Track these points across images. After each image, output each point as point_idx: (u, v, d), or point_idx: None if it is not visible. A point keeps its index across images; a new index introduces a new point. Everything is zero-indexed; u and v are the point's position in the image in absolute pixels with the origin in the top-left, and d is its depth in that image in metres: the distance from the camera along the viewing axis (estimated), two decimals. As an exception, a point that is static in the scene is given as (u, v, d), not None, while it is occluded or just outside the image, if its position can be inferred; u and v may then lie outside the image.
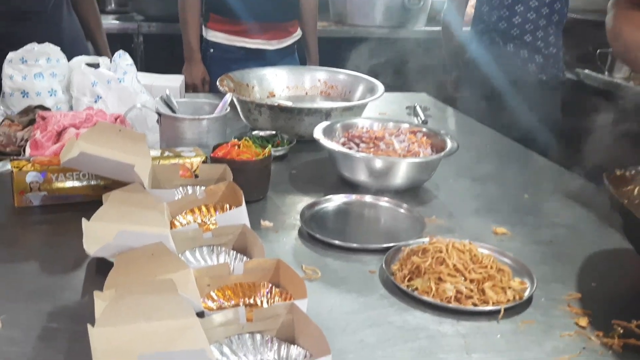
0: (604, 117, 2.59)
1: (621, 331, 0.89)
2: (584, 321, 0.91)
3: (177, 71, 2.35)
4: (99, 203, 1.19)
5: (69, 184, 1.20)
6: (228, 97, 1.46)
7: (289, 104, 1.61)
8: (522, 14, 2.42)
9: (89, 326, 0.72)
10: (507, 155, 1.74)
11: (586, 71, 2.81)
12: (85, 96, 1.54)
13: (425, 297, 0.94)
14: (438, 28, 3.63)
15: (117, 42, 3.07)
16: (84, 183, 1.21)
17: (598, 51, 2.75)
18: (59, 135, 1.32)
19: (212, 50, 2.53)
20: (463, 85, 2.76)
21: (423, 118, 1.87)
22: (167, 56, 3.31)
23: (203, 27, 2.53)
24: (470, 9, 2.88)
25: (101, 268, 0.98)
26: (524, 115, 2.37)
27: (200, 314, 0.81)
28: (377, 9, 3.46)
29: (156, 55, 3.18)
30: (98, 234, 0.91)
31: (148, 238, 0.87)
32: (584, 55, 2.92)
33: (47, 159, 1.22)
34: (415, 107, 1.98)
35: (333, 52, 2.81)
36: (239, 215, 1.04)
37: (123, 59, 1.60)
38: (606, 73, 2.73)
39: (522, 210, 1.33)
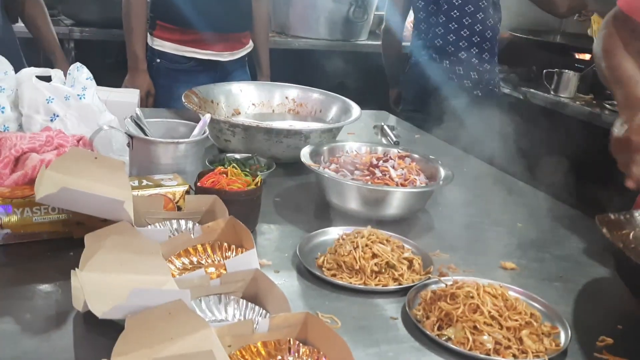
0: (550, 134, 2.66)
1: (667, 380, 0.85)
2: (627, 370, 0.87)
3: (115, 82, 2.16)
4: (69, 240, 1.05)
5: (37, 219, 1.04)
6: (207, 117, 1.33)
7: (266, 124, 1.51)
8: (456, 31, 2.45)
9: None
10: (483, 177, 1.71)
11: (531, 90, 2.86)
12: (39, 114, 1.36)
13: (463, 350, 0.87)
14: (379, 42, 3.64)
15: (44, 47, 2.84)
16: (54, 218, 1.06)
17: (545, 71, 2.81)
18: (17, 161, 1.15)
19: (158, 60, 2.36)
20: (404, 100, 2.76)
21: (394, 139, 1.81)
22: (103, 65, 3.10)
23: (149, 35, 2.36)
24: (409, 24, 2.90)
25: (91, 323, 0.84)
26: (466, 130, 2.39)
27: (239, 388, 0.69)
28: (321, 21, 3.40)
29: (90, 64, 2.96)
30: (100, 289, 0.78)
31: (166, 296, 0.75)
32: (528, 74, 2.98)
33: (7, 190, 1.05)
34: (383, 127, 1.92)
35: (275, 63, 2.71)
36: (250, 258, 0.93)
37: (81, 72, 1.44)
38: (552, 92, 2.79)
39: (521, 241, 1.29)
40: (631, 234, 1.13)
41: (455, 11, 2.44)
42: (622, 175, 1.49)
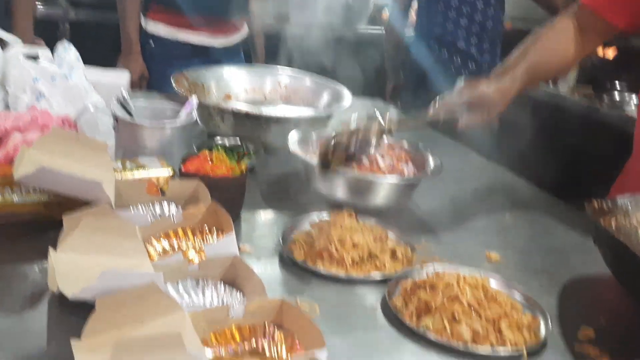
0: (546, 127, 2.64)
1: (646, 375, 0.85)
2: (606, 364, 0.87)
3: (109, 64, 2.14)
4: (50, 222, 1.04)
5: (18, 199, 1.03)
6: (194, 101, 1.32)
7: (255, 110, 1.49)
8: (455, 20, 2.43)
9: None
10: (475, 168, 1.70)
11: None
12: (25, 93, 1.34)
13: (441, 339, 0.86)
14: (379, 28, 3.60)
15: (40, 28, 2.81)
16: (35, 199, 1.04)
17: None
18: (0, 140, 1.14)
19: (151, 43, 2.34)
20: (403, 92, 2.74)
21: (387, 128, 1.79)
22: (97, 47, 3.07)
23: (143, 17, 2.34)
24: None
25: (65, 305, 0.83)
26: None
27: (208, 372, 0.69)
28: (320, 6, 3.36)
29: (85, 45, 2.93)
30: (72, 270, 0.77)
31: (138, 278, 0.74)
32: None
33: (-12, 169, 1.04)
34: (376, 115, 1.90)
35: (271, 49, 2.69)
36: (229, 243, 0.92)
37: (68, 51, 1.42)
38: (550, 85, 2.78)
39: (508, 232, 1.29)
40: (613, 222, 1.12)
41: (455, 0, 2.42)
42: (613, 168, 1.49)
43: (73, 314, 0.82)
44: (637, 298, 0.99)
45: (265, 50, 2.61)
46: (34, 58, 1.41)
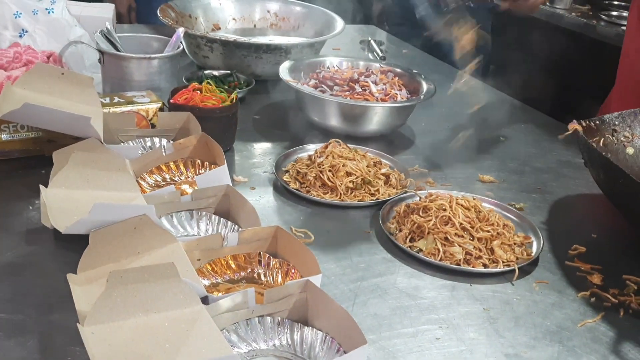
0: (542, 47, 2.58)
1: (635, 287, 0.86)
2: (597, 278, 0.88)
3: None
4: (41, 158, 1.03)
5: (5, 137, 1.02)
6: (181, 31, 1.29)
7: (245, 39, 1.46)
8: None
9: (79, 326, 0.60)
10: (470, 92, 1.67)
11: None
12: (7, 30, 1.31)
13: (433, 260, 0.87)
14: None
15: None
16: (23, 136, 1.04)
17: (540, -19, 2.70)
18: (-16, 78, 1.12)
19: (137, -26, 2.28)
20: (395, 13, 2.66)
21: (381, 54, 1.76)
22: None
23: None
24: None
25: (60, 239, 0.83)
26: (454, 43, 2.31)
27: (204, 299, 0.70)
28: None
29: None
30: (64, 205, 0.77)
31: (129, 211, 0.74)
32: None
33: (-26, 108, 1.03)
34: (369, 42, 1.86)
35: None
36: (221, 174, 0.92)
37: (49, -15, 1.37)
38: (547, 4, 2.71)
39: (502, 154, 1.28)
40: (601, 141, 1.11)
41: None
42: (609, 86, 1.47)
43: (68, 249, 0.83)
44: (626, 215, 0.99)
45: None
46: (14, -8, 1.37)
